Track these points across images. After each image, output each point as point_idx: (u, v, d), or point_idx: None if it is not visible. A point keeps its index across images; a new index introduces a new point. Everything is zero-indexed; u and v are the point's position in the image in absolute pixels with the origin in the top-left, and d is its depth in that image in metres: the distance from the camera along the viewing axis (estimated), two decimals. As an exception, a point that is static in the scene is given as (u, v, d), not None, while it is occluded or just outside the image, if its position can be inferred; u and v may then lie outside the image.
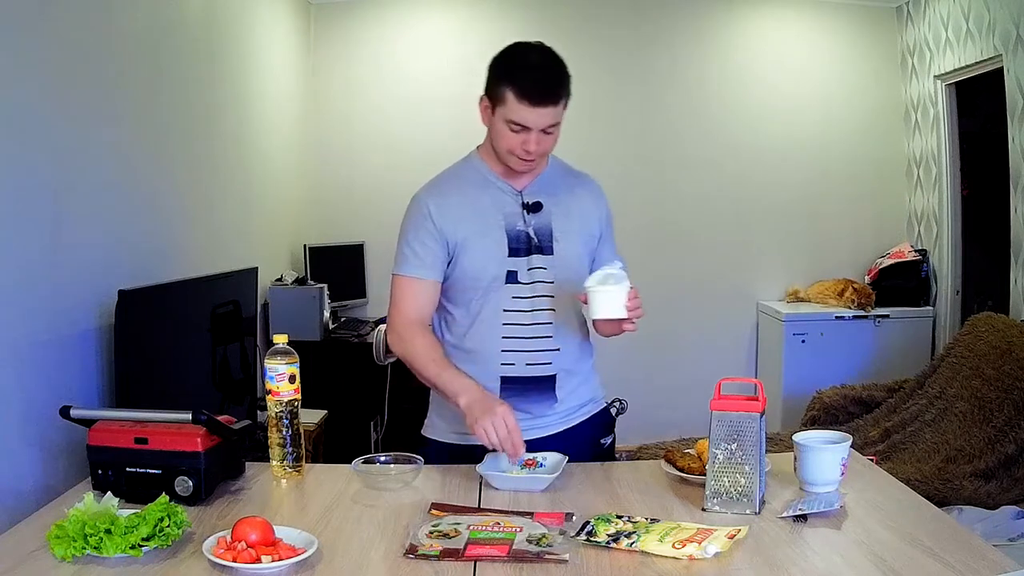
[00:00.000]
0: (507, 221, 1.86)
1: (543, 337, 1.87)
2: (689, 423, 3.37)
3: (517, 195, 1.88)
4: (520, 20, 4.66)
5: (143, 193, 2.63)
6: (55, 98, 2.14)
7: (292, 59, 4.38)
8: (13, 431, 1.92)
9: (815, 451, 1.63)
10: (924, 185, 4.65)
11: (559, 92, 1.76)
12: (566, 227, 1.89)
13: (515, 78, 1.75)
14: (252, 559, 1.29)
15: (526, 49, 1.81)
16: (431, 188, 1.92)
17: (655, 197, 4.75)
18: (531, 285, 1.86)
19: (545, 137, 1.79)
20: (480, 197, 1.88)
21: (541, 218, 1.88)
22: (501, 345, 1.87)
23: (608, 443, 2.02)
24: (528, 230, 1.87)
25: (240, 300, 2.91)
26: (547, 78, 1.76)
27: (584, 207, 1.94)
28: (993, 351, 3.37)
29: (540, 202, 1.88)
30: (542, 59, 1.79)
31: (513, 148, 1.79)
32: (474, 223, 1.86)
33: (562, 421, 1.93)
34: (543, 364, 1.88)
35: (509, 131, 1.77)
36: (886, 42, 4.81)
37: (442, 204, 1.86)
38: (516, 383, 1.88)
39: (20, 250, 1.97)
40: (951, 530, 1.46)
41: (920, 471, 3.10)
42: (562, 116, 1.80)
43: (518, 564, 1.33)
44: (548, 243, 1.87)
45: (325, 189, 4.71)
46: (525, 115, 1.74)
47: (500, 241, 1.85)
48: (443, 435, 1.95)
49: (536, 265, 1.87)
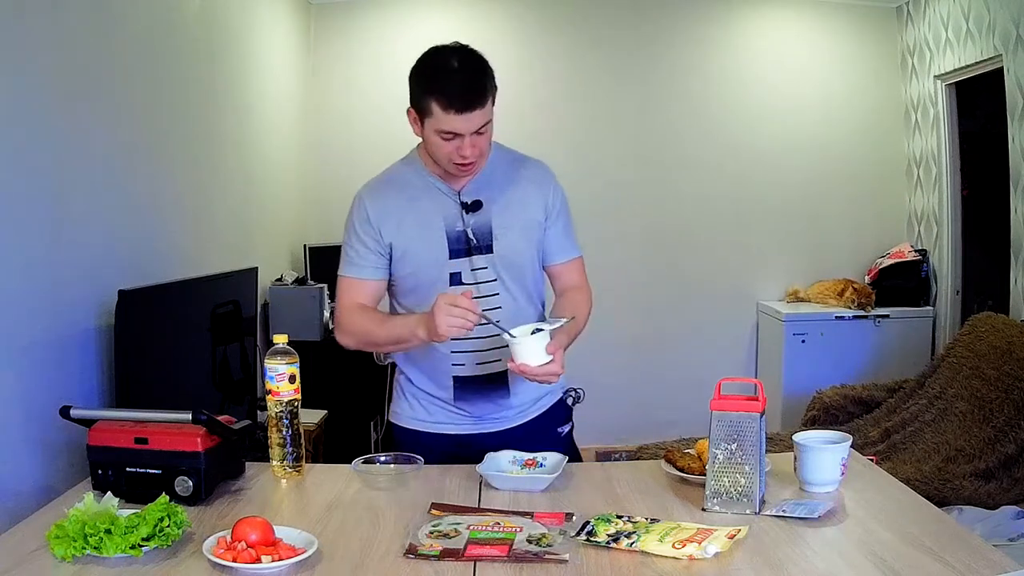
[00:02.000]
0: (447, 223, 1.86)
1: (491, 336, 1.85)
2: (689, 423, 3.38)
3: (455, 195, 1.87)
4: (520, 20, 4.66)
5: (143, 193, 2.63)
6: (55, 98, 2.14)
7: (292, 59, 4.38)
8: (13, 431, 1.92)
9: (815, 451, 1.63)
10: (924, 185, 4.65)
11: (484, 94, 1.73)
12: (505, 222, 1.87)
13: (438, 89, 1.72)
14: (252, 559, 1.29)
15: (444, 54, 1.77)
16: (372, 189, 1.93)
17: (655, 197, 4.75)
18: (475, 285, 1.86)
19: (479, 138, 1.76)
20: (420, 199, 1.88)
21: (480, 216, 1.86)
22: (451, 346, 1.86)
23: (566, 431, 2.03)
24: (467, 230, 1.86)
25: (240, 300, 2.91)
26: (469, 83, 1.73)
27: (525, 195, 1.91)
28: (993, 351, 3.37)
29: (480, 200, 1.87)
30: (461, 63, 1.75)
31: (450, 156, 1.77)
32: (414, 227, 1.86)
33: (519, 415, 1.95)
34: (493, 362, 1.89)
35: (441, 140, 1.76)
36: (886, 42, 4.81)
37: (380, 208, 1.87)
38: (469, 382, 1.90)
39: (20, 250, 1.97)
40: (951, 530, 1.46)
41: (920, 471, 3.10)
42: (492, 113, 1.77)
43: (518, 564, 1.33)
44: (488, 242, 1.86)
45: (325, 189, 4.70)
46: (454, 123, 1.72)
47: (440, 244, 1.85)
48: (409, 422, 1.97)
49: (478, 265, 1.86)
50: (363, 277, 1.89)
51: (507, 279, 1.88)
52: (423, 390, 1.96)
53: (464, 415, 1.93)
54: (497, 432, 1.92)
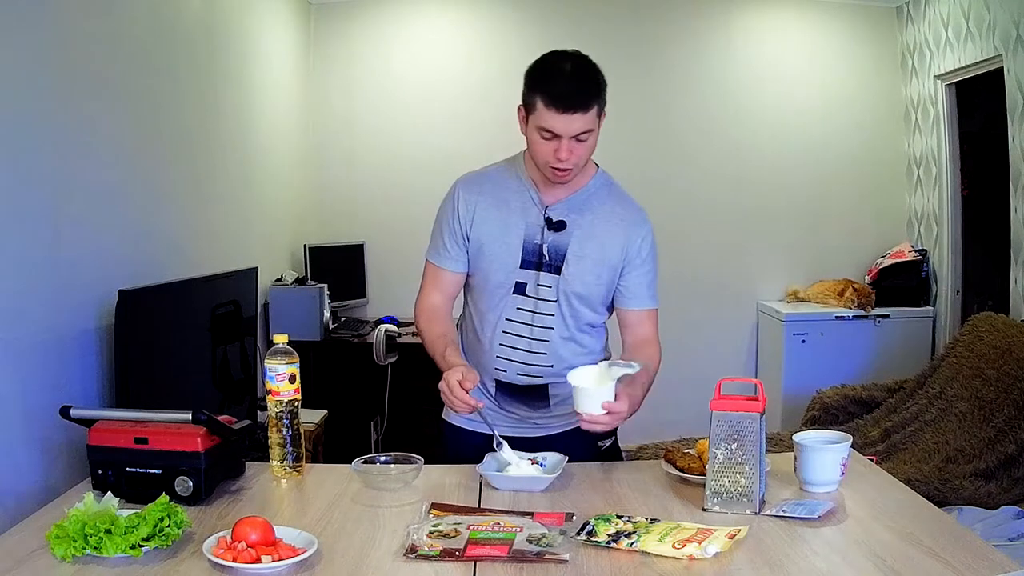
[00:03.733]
0: (527, 232, 1.88)
1: (537, 353, 1.91)
2: (689, 423, 3.38)
3: (543, 209, 1.88)
4: (520, 20, 4.66)
5: (143, 193, 2.63)
6: (55, 98, 2.14)
7: (292, 59, 4.38)
8: (13, 431, 1.92)
9: (815, 451, 1.63)
10: (924, 185, 4.65)
11: (588, 99, 1.75)
12: (581, 251, 1.88)
13: (544, 85, 1.74)
14: (252, 559, 1.29)
15: (559, 57, 1.81)
16: (468, 179, 1.96)
17: (655, 197, 4.67)
18: (535, 300, 1.89)
19: (577, 145, 1.77)
20: (510, 201, 1.89)
21: (560, 237, 1.87)
22: (497, 351, 1.92)
23: (608, 445, 2.02)
24: (543, 246, 1.87)
25: (240, 300, 2.91)
26: (576, 85, 1.75)
27: (610, 233, 1.89)
28: (993, 351, 3.37)
29: (564, 221, 1.87)
30: (574, 67, 1.78)
31: (546, 156, 1.78)
32: (496, 227, 1.89)
33: (559, 424, 1.98)
34: (534, 377, 1.93)
35: (541, 139, 1.77)
36: (886, 42, 4.80)
37: (470, 200, 1.90)
38: (508, 388, 1.95)
39: (20, 250, 1.97)
40: (951, 530, 1.46)
41: (920, 471, 3.10)
42: (596, 124, 1.79)
43: (518, 564, 1.33)
44: (559, 263, 1.87)
45: (325, 189, 4.71)
46: (554, 122, 1.73)
47: (515, 249, 1.88)
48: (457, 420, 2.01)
49: (544, 283, 1.88)
50: (443, 266, 1.95)
51: (565, 304, 1.89)
52: None
53: (507, 415, 1.97)
54: (538, 438, 1.95)
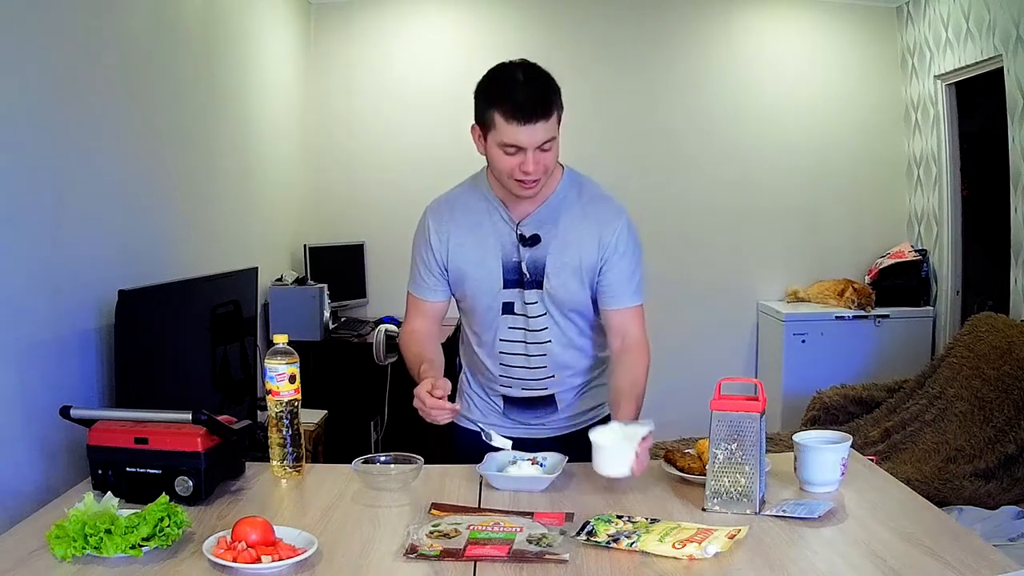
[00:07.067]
0: (504, 252, 1.85)
1: (537, 368, 1.91)
2: (689, 423, 3.36)
3: (515, 226, 1.85)
4: (520, 20, 4.66)
5: (143, 193, 2.63)
6: (55, 98, 2.14)
7: (291, 59, 4.38)
8: (13, 431, 1.92)
9: (815, 451, 1.63)
10: (924, 185, 4.65)
11: (548, 105, 1.70)
12: (560, 261, 1.84)
13: (501, 99, 1.69)
14: (252, 559, 1.29)
15: (509, 69, 1.74)
16: (437, 207, 1.93)
17: (655, 197, 4.74)
18: (525, 318, 1.88)
19: (542, 155, 1.71)
20: (483, 223, 1.87)
21: (537, 252, 1.84)
22: (499, 371, 1.94)
23: None
24: (522, 263, 1.85)
25: (240, 300, 2.91)
26: (534, 93, 1.69)
27: (585, 235, 1.84)
28: (993, 351, 3.37)
29: (538, 235, 1.84)
30: (526, 75, 1.72)
31: (512, 171, 1.73)
32: (473, 252, 1.87)
33: (565, 425, 1.99)
34: (539, 389, 1.94)
35: (504, 155, 1.72)
36: (886, 42, 4.80)
37: (442, 230, 1.89)
38: (516, 401, 1.97)
39: (20, 250, 1.97)
40: (951, 530, 1.46)
41: (920, 471, 3.10)
42: (557, 131, 1.74)
43: (518, 564, 1.33)
44: (539, 278, 1.85)
45: (325, 189, 4.71)
46: (517, 135, 1.68)
47: (495, 272, 1.86)
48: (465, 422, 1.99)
49: (529, 300, 1.87)
50: (423, 297, 1.95)
51: (557, 316, 1.88)
52: (479, 395, 2.03)
53: (514, 422, 1.99)
54: (547, 439, 1.96)
